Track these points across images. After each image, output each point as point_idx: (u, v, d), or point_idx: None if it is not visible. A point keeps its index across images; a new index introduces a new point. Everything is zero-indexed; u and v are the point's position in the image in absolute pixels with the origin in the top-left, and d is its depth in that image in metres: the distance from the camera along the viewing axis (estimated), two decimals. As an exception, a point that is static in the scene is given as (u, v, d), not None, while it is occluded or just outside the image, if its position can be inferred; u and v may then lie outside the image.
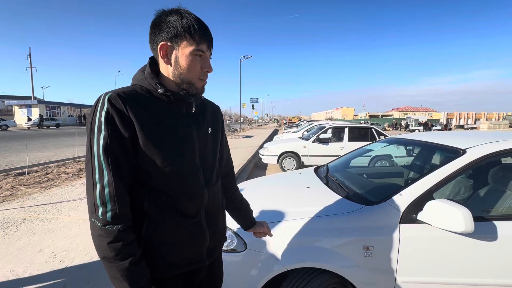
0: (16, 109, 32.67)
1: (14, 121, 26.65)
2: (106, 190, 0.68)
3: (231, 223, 1.41)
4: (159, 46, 0.75)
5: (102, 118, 0.68)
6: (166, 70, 0.78)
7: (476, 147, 1.51)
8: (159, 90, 0.76)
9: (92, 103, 0.97)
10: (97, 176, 0.68)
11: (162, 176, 0.76)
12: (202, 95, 0.89)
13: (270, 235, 1.21)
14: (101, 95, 0.72)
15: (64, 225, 2.87)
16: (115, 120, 0.69)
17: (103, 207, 0.67)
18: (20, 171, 5.47)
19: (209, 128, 0.90)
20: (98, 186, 0.68)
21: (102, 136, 0.68)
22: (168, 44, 0.75)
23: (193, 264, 0.85)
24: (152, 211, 0.76)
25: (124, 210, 0.70)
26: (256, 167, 7.41)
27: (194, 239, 0.83)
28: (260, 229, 1.17)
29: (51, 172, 5.60)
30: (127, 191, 0.72)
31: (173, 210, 0.78)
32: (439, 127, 35.87)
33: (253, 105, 31.15)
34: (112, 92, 0.71)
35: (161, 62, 0.78)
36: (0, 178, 4.90)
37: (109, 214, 0.67)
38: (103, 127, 0.68)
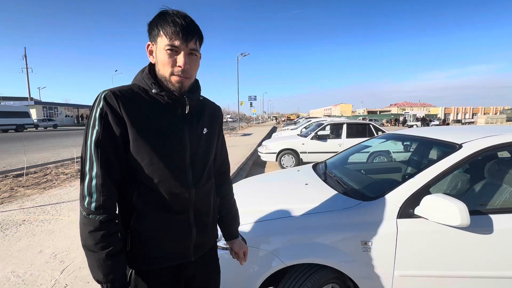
0: (13, 110, 32.33)
1: (11, 123, 26.43)
2: (93, 182, 0.72)
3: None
4: (146, 46, 0.80)
5: (97, 114, 0.73)
6: (156, 69, 0.80)
7: (472, 141, 1.52)
8: (153, 90, 0.78)
9: (89, 103, 0.98)
10: (87, 167, 0.73)
11: (150, 174, 0.78)
12: (201, 95, 0.92)
13: (241, 263, 1.11)
14: (99, 93, 0.75)
15: (64, 225, 2.87)
16: (108, 116, 0.73)
17: (89, 197, 0.71)
18: (18, 172, 5.46)
19: (205, 129, 0.90)
20: (87, 177, 0.72)
21: (95, 131, 0.72)
22: (152, 43, 0.79)
23: (179, 259, 0.86)
24: (140, 205, 0.78)
25: (108, 202, 0.73)
26: (255, 165, 7.42)
27: (180, 235, 0.85)
28: (238, 248, 1.09)
29: (50, 173, 5.58)
30: (114, 185, 0.75)
31: (160, 206, 0.80)
32: (437, 122, 36.00)
33: (251, 102, 31.09)
34: (109, 91, 0.75)
35: (152, 62, 0.81)
36: (-2, 180, 4.88)
37: (93, 205, 0.71)
38: (96, 122, 0.72)
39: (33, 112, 30.10)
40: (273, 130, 21.94)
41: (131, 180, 0.78)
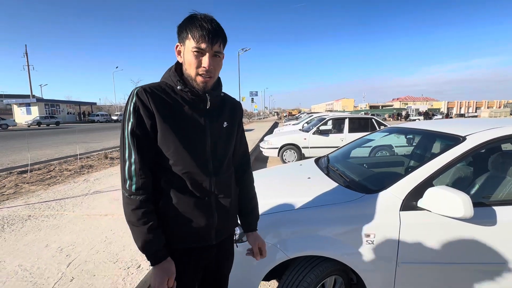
0: (15, 108, 32.58)
1: (14, 120, 26.61)
2: (133, 167, 0.82)
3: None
4: (175, 46, 0.89)
5: (131, 108, 0.83)
6: (183, 68, 0.89)
7: (476, 133, 1.52)
8: (178, 87, 0.87)
9: (90, 100, 1.05)
10: (127, 155, 0.83)
11: (175, 161, 0.87)
12: (222, 92, 1.01)
13: (257, 258, 1.09)
14: (133, 89, 0.86)
15: (69, 220, 2.90)
16: (140, 110, 0.83)
17: (130, 180, 0.82)
18: (23, 169, 5.51)
19: (225, 123, 0.98)
20: (127, 163, 0.83)
21: (130, 123, 0.83)
22: (180, 44, 0.87)
23: (201, 242, 0.94)
24: (167, 189, 0.88)
25: (145, 184, 0.84)
26: (256, 160, 7.43)
27: (202, 218, 0.92)
28: (253, 241, 1.10)
29: (53, 169, 5.63)
30: (149, 169, 0.85)
31: (184, 191, 0.89)
32: (440, 116, 35.75)
33: (252, 98, 30.98)
34: (140, 87, 0.85)
35: (180, 61, 0.90)
36: (3, 177, 4.93)
37: (133, 187, 0.82)
38: (131, 115, 0.83)
39: (35, 110, 30.22)
40: (275, 125, 21.90)
41: (159, 166, 0.88)
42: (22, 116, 31.39)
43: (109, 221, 2.86)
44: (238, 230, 1.35)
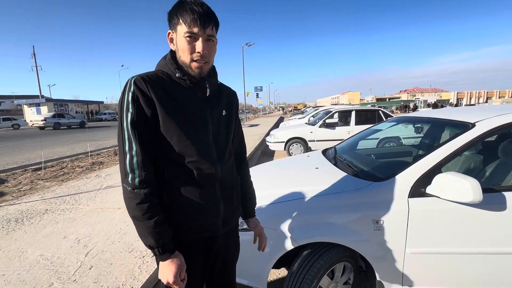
0: (26, 108, 33.30)
1: (25, 120, 27.22)
2: (135, 160, 0.78)
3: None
4: (167, 34, 0.85)
5: (129, 98, 0.78)
6: (177, 55, 0.86)
7: (486, 120, 1.50)
8: (177, 75, 0.84)
9: (98, 99, 1.04)
10: (127, 147, 0.79)
11: (179, 151, 0.84)
12: (219, 80, 0.99)
13: (260, 249, 1.15)
14: (129, 79, 0.81)
15: (84, 214, 3.01)
16: (140, 99, 0.79)
17: (132, 173, 0.78)
18: (37, 166, 5.69)
19: (224, 111, 0.96)
20: (128, 156, 0.78)
21: (129, 114, 0.78)
22: (172, 31, 0.84)
23: (209, 231, 0.93)
24: (171, 180, 0.85)
25: (149, 177, 0.80)
26: (263, 155, 7.47)
27: (209, 209, 0.91)
28: (253, 226, 1.15)
29: (66, 166, 5.80)
30: (150, 161, 0.82)
31: (190, 181, 0.86)
32: (449, 107, 34.88)
33: (257, 93, 30.87)
34: (138, 76, 0.81)
35: (173, 49, 0.86)
36: (19, 174, 5.11)
37: (137, 180, 0.78)
38: (130, 105, 0.78)
39: (45, 109, 30.82)
40: (280, 120, 21.83)
41: (162, 157, 0.84)
42: (32, 116, 32.06)
43: (123, 214, 2.96)
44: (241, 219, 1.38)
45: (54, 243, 2.34)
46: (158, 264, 0.84)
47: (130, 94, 0.78)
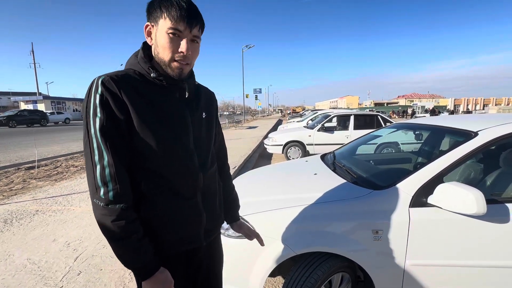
0: (22, 105, 33.02)
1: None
2: (107, 171, 0.68)
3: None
4: (144, 26, 0.76)
5: (97, 101, 0.68)
6: (153, 52, 0.78)
7: (489, 129, 1.47)
8: (151, 74, 0.76)
9: None
10: (96, 157, 0.69)
11: (157, 159, 0.76)
12: (196, 80, 0.90)
13: (251, 238, 1.12)
14: (95, 78, 0.71)
15: (76, 215, 2.94)
16: (110, 102, 0.69)
17: (104, 187, 0.68)
18: (30, 165, 5.59)
19: (204, 113, 0.90)
20: (98, 167, 0.69)
21: (97, 119, 0.68)
22: (151, 24, 0.75)
23: (191, 244, 0.86)
24: (149, 193, 0.77)
25: (125, 189, 0.71)
26: (261, 157, 7.42)
27: (191, 220, 0.84)
28: (238, 228, 1.11)
29: (60, 165, 5.70)
30: (125, 172, 0.73)
31: (170, 192, 0.79)
32: (446, 114, 35.20)
33: (256, 95, 30.87)
34: (105, 76, 0.71)
35: (149, 44, 0.78)
36: (12, 172, 5.01)
37: (111, 194, 0.68)
38: (98, 109, 0.68)
39: (42, 107, 30.57)
40: (279, 123, 21.83)
41: (138, 167, 0.76)
42: (29, 113, 31.69)
43: (115, 217, 2.88)
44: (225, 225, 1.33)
45: (43, 246, 2.27)
46: (139, 285, 0.76)
47: (98, 96, 0.68)
